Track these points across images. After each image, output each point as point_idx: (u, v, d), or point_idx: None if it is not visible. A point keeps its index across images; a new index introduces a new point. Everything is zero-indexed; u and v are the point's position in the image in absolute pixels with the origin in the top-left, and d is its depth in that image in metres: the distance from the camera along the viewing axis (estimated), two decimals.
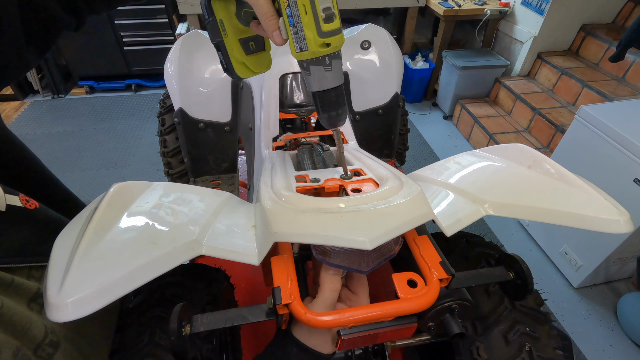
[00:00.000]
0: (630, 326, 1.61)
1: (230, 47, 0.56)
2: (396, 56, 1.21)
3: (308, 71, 0.48)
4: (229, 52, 0.57)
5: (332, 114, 0.52)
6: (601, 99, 2.26)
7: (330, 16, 0.44)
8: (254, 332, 1.01)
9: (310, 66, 0.47)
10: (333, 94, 0.50)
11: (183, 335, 0.43)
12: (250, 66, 0.59)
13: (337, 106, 0.51)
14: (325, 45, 0.45)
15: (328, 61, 0.47)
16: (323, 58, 0.47)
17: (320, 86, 0.49)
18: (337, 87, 0.50)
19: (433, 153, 2.77)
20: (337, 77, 0.49)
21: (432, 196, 0.61)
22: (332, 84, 0.49)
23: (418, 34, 3.63)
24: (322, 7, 0.43)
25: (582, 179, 0.56)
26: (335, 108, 0.51)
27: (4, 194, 0.49)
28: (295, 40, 0.45)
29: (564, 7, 2.51)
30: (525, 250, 2.01)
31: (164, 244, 0.45)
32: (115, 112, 3.16)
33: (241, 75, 0.59)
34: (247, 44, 0.57)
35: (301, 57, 0.47)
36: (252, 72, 0.60)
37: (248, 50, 0.58)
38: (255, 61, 0.60)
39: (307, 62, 0.47)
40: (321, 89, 0.49)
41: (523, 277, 0.52)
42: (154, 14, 3.02)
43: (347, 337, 0.46)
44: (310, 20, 0.43)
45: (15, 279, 0.46)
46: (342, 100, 0.52)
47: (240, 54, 0.57)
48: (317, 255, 0.48)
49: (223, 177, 1.29)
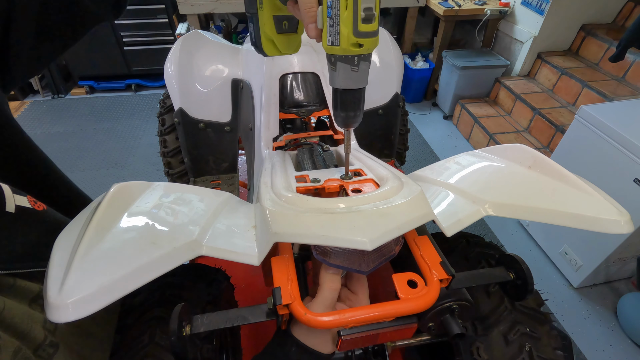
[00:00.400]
0: (630, 326, 1.61)
1: (263, 22, 0.55)
2: (396, 56, 1.21)
3: (334, 66, 0.47)
4: (261, 27, 0.55)
5: (350, 114, 0.51)
6: (601, 99, 2.26)
7: (370, 17, 0.43)
8: (254, 333, 1.01)
9: (337, 62, 0.46)
10: (355, 95, 0.49)
11: (183, 336, 0.43)
12: (278, 45, 0.58)
13: (356, 107, 0.50)
14: (357, 45, 0.44)
15: (357, 61, 0.46)
16: (352, 57, 0.46)
17: (343, 84, 0.48)
18: (360, 88, 0.49)
19: (433, 153, 2.77)
20: (362, 79, 0.48)
21: (432, 196, 0.61)
22: (356, 84, 0.48)
23: (418, 34, 3.63)
24: (364, 7, 0.42)
25: (582, 179, 0.56)
26: (353, 109, 0.50)
27: (12, 195, 0.49)
28: (329, 33, 0.45)
29: (564, 7, 2.50)
30: (525, 250, 2.01)
31: (164, 244, 0.45)
32: (115, 112, 3.16)
33: (268, 52, 0.58)
34: (280, 23, 0.56)
35: (331, 51, 0.46)
36: (279, 52, 0.59)
37: (280, 29, 0.57)
38: (285, 41, 0.59)
39: (335, 57, 0.46)
40: (344, 87, 0.49)
41: (523, 277, 0.52)
42: (154, 14, 3.02)
43: (348, 338, 0.46)
44: (349, 17, 0.42)
45: (17, 280, 0.46)
46: (361, 103, 0.51)
47: (272, 31, 0.56)
48: (317, 256, 0.48)
49: (223, 177, 1.29)
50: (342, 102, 0.50)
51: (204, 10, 2.83)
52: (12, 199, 0.48)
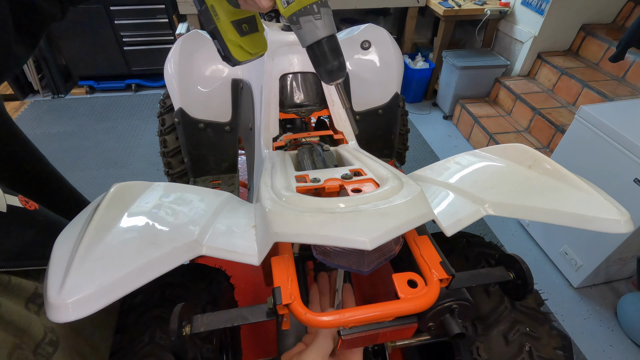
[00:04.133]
0: (630, 326, 1.61)
1: (224, 31, 0.56)
2: (396, 56, 1.21)
3: (299, 24, 0.48)
4: (224, 36, 0.57)
5: (331, 66, 0.50)
6: (601, 99, 2.26)
7: None
8: (255, 332, 1.01)
9: (299, 18, 0.47)
10: (328, 45, 0.49)
11: (183, 336, 0.43)
12: (246, 48, 0.59)
13: (334, 57, 0.50)
14: None
15: (317, 9, 0.47)
16: (311, 6, 0.47)
17: (313, 37, 0.48)
18: (330, 36, 0.49)
19: (433, 153, 2.77)
20: (329, 26, 0.48)
21: (432, 196, 0.61)
22: (324, 32, 0.48)
23: (418, 34, 3.63)
24: None
25: (582, 179, 0.56)
26: (332, 59, 0.50)
27: (3, 194, 0.49)
28: None
29: (564, 7, 2.50)
30: (525, 250, 2.01)
31: (164, 244, 0.45)
32: (115, 112, 3.16)
33: (239, 58, 0.59)
34: (240, 26, 0.58)
35: (289, 11, 0.47)
36: (249, 54, 0.60)
37: (242, 32, 0.58)
38: (251, 42, 0.60)
39: (296, 14, 0.47)
40: (315, 40, 0.48)
41: (523, 277, 0.52)
42: (154, 14, 3.02)
43: (348, 338, 0.46)
44: None
45: (12, 279, 0.46)
46: (339, 51, 0.50)
47: (235, 36, 0.57)
48: (318, 256, 0.48)
49: (223, 177, 1.29)
50: (321, 55, 0.50)
51: None
52: (2, 199, 0.48)
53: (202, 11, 0.56)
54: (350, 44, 1.21)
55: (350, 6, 2.95)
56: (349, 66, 1.20)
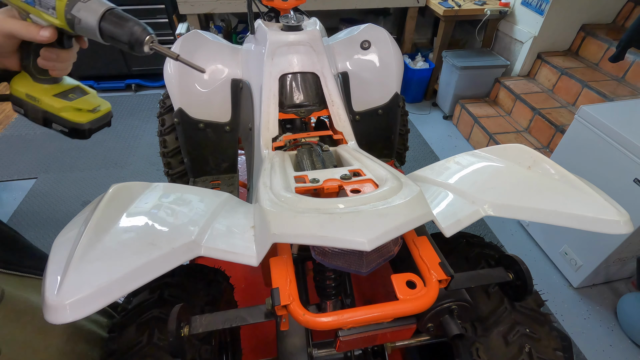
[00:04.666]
0: (630, 326, 1.60)
1: (51, 106, 0.57)
2: (396, 56, 1.21)
3: (79, 18, 0.49)
4: (55, 111, 0.57)
5: (127, 32, 0.50)
6: (601, 99, 2.25)
7: None
8: (254, 333, 1.01)
9: (73, 14, 0.48)
10: (112, 17, 0.50)
11: (182, 336, 0.43)
12: (84, 107, 0.59)
13: (124, 23, 0.50)
14: None
15: None
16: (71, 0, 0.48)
17: (95, 17, 0.49)
18: (107, 9, 0.50)
19: (433, 153, 2.77)
20: (100, 3, 0.49)
21: (432, 197, 0.61)
22: (101, 8, 0.49)
23: (418, 34, 3.63)
24: None
25: (582, 180, 0.55)
26: (123, 26, 0.50)
27: None
28: (46, 9, 0.48)
29: (564, 7, 2.50)
30: (525, 250, 2.01)
31: (162, 245, 0.45)
32: (115, 112, 3.14)
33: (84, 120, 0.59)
34: (66, 96, 0.59)
35: (61, 13, 0.48)
36: (92, 113, 0.60)
37: (70, 99, 0.59)
38: (86, 102, 0.60)
39: (69, 13, 0.48)
40: (98, 19, 0.49)
41: (523, 278, 0.52)
42: (154, 14, 3.01)
43: (346, 339, 0.46)
44: None
45: None
46: (125, 16, 0.51)
47: (64, 103, 0.57)
48: (316, 256, 0.48)
49: (223, 177, 1.28)
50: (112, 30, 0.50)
51: (204, 10, 2.83)
52: None
53: (27, 110, 0.56)
54: (350, 44, 1.21)
55: (350, 6, 2.95)
56: (349, 66, 1.20)
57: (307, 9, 2.16)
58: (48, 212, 2.12)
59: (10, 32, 0.50)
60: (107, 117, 0.63)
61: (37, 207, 2.15)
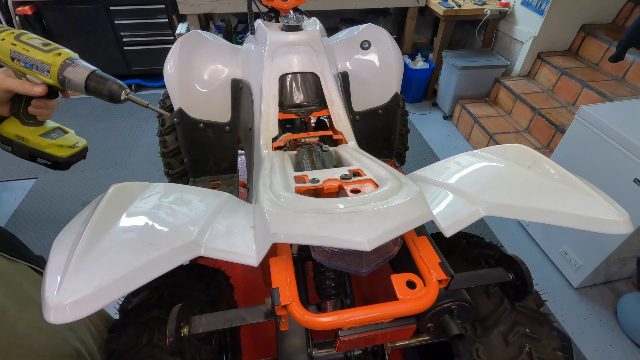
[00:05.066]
0: (630, 326, 1.60)
1: (38, 144, 0.66)
2: (396, 56, 1.21)
3: (68, 78, 0.59)
4: (41, 148, 0.67)
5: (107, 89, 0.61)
6: (601, 99, 2.25)
7: (46, 44, 0.59)
8: (254, 333, 1.01)
9: (64, 75, 0.59)
10: (95, 77, 0.60)
11: (182, 337, 0.43)
12: (65, 144, 0.70)
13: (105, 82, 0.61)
14: (57, 55, 0.59)
15: (69, 62, 0.59)
16: (64, 62, 0.59)
17: (82, 78, 0.60)
18: (92, 72, 0.61)
19: (433, 153, 2.77)
20: (85, 67, 0.60)
21: (432, 197, 0.61)
22: (86, 71, 0.60)
23: (418, 34, 3.63)
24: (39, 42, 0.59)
25: (582, 180, 0.55)
26: (104, 84, 0.61)
27: None
28: (42, 72, 0.59)
29: (564, 7, 2.50)
30: (525, 250, 2.01)
31: (162, 245, 0.45)
32: (115, 112, 3.16)
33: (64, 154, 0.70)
34: (49, 135, 0.69)
35: (54, 74, 0.59)
36: (71, 149, 0.71)
37: (53, 137, 0.69)
38: (66, 140, 0.71)
39: (61, 74, 0.59)
40: (85, 79, 0.60)
41: (522, 278, 0.52)
42: (154, 14, 3.01)
43: (346, 339, 0.46)
44: (36, 52, 0.58)
45: None
46: (105, 76, 0.62)
47: (48, 141, 0.67)
48: (316, 256, 0.48)
49: (223, 177, 1.28)
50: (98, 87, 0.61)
51: (204, 10, 2.83)
52: None
53: (14, 148, 0.66)
54: (350, 43, 1.21)
55: (350, 6, 2.95)
56: (349, 66, 1.20)
57: (307, 9, 2.16)
58: (48, 212, 2.12)
59: (9, 89, 0.60)
60: (84, 151, 0.75)
61: (37, 207, 2.15)
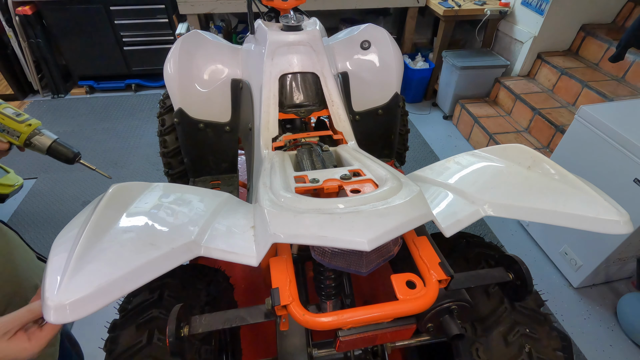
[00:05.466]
0: (630, 326, 1.60)
1: None
2: (396, 56, 1.21)
3: (34, 144, 0.72)
4: None
5: (64, 154, 0.76)
6: (601, 99, 2.25)
7: (18, 114, 0.71)
8: (254, 333, 1.01)
9: (31, 141, 0.71)
10: (56, 145, 0.75)
11: (182, 337, 0.43)
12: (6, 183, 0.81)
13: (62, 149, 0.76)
14: (28, 125, 0.71)
15: (37, 131, 0.72)
16: (33, 132, 0.71)
17: (46, 144, 0.74)
18: (54, 140, 0.75)
19: (433, 153, 2.77)
20: (49, 136, 0.74)
21: (432, 197, 0.61)
22: (49, 141, 0.74)
23: (418, 34, 3.63)
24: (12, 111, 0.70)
25: (582, 180, 0.55)
26: (63, 151, 0.76)
27: None
28: (12, 136, 0.69)
29: (564, 7, 2.50)
30: (525, 250, 2.01)
31: (162, 245, 0.45)
32: (115, 112, 3.16)
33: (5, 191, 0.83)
34: None
35: (22, 139, 0.70)
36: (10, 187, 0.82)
37: None
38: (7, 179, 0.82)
39: (28, 140, 0.71)
40: (48, 146, 0.74)
41: (522, 278, 0.52)
42: (154, 14, 3.01)
43: (346, 339, 0.46)
44: (10, 121, 0.69)
45: None
46: (64, 144, 0.77)
47: None
48: (316, 256, 0.48)
49: (223, 177, 1.28)
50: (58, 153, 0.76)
51: (204, 10, 2.83)
52: None
53: None
54: (350, 44, 1.21)
55: (350, 6, 2.95)
56: (349, 66, 1.20)
57: (307, 9, 2.16)
58: (48, 212, 2.12)
59: None
60: (20, 188, 0.87)
61: (37, 207, 2.15)
